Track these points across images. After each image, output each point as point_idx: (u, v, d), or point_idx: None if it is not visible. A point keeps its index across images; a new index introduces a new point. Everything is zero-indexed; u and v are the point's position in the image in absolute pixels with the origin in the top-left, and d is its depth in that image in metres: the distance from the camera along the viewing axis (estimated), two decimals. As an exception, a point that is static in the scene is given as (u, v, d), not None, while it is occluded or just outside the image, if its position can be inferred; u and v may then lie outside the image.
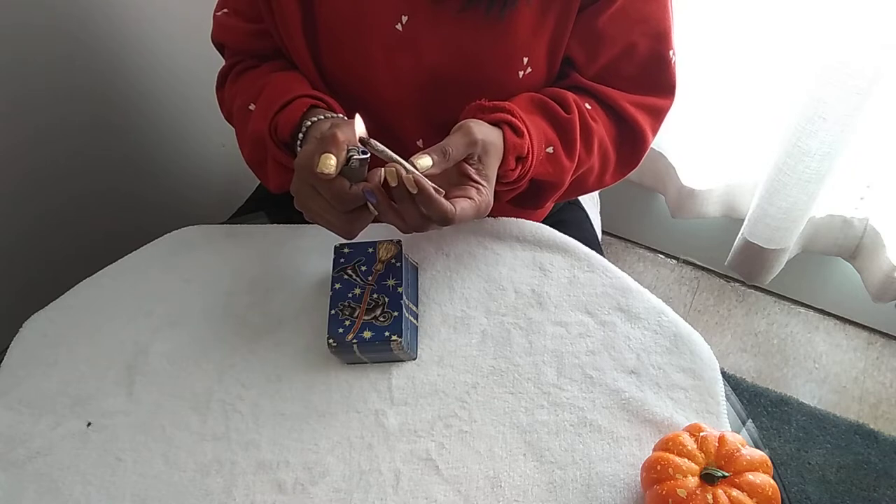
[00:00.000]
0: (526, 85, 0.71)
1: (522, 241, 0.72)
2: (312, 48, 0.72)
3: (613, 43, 0.69)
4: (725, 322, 1.53)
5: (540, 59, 0.70)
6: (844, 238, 1.35)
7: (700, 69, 1.21)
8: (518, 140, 0.64)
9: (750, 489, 0.49)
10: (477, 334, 0.66)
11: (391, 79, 0.72)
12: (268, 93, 0.71)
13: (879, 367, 1.45)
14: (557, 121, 0.69)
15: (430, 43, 0.69)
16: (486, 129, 0.62)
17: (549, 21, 0.67)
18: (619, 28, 0.68)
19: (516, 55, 0.69)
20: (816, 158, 1.14)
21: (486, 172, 0.61)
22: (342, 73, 0.73)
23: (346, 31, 0.70)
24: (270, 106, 0.69)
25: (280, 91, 0.70)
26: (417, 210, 0.57)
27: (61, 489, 0.59)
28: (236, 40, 0.78)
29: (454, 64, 0.69)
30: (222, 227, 0.78)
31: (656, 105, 0.74)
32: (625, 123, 0.73)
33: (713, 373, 0.62)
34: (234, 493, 0.58)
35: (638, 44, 0.70)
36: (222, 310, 0.70)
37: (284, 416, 0.62)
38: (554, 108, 0.69)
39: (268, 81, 0.73)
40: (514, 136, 0.64)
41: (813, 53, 1.09)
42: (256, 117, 0.70)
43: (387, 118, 0.76)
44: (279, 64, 0.77)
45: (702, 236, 1.54)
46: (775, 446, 1.33)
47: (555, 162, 0.69)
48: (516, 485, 0.57)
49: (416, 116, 0.76)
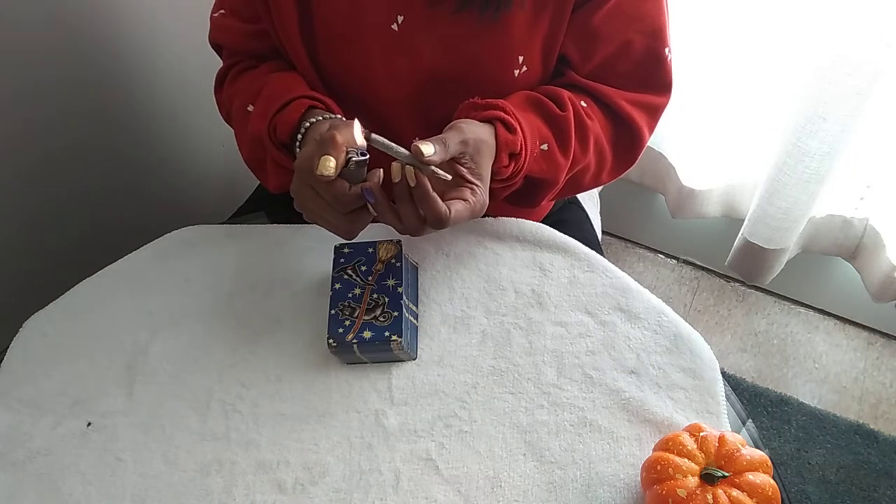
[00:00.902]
0: (522, 83, 0.71)
1: (522, 241, 0.72)
2: (310, 48, 0.73)
3: (609, 41, 0.69)
4: (725, 322, 1.53)
5: (535, 58, 0.70)
6: (844, 238, 1.35)
7: (700, 69, 1.21)
8: (511, 137, 0.64)
9: (750, 489, 0.49)
10: (477, 334, 0.66)
11: (388, 78, 0.72)
12: (266, 93, 0.71)
13: (879, 367, 1.45)
14: (552, 118, 0.69)
15: (426, 43, 0.69)
16: (477, 128, 0.62)
17: (543, 20, 0.68)
18: (615, 26, 0.68)
19: (512, 54, 0.69)
20: (816, 158, 1.14)
21: (479, 172, 0.61)
22: (340, 72, 0.73)
23: (344, 31, 0.70)
24: (269, 107, 0.69)
25: (278, 92, 0.70)
26: (415, 211, 0.58)
27: (61, 489, 0.59)
28: (234, 41, 0.78)
29: (450, 63, 0.69)
30: (222, 227, 0.78)
31: (653, 103, 0.74)
32: (621, 121, 0.73)
33: (713, 373, 0.62)
34: (234, 493, 0.58)
35: (633, 41, 0.69)
36: (222, 310, 0.70)
37: (284, 416, 0.62)
38: (548, 105, 0.69)
39: (266, 82, 0.73)
40: (506, 133, 0.64)
41: (813, 53, 1.09)
42: (255, 118, 0.70)
43: (384, 117, 0.76)
44: (277, 64, 0.77)
45: (702, 236, 1.54)
46: (775, 446, 1.33)
47: (549, 159, 0.69)
48: (516, 485, 0.57)
49: (413, 115, 0.76)
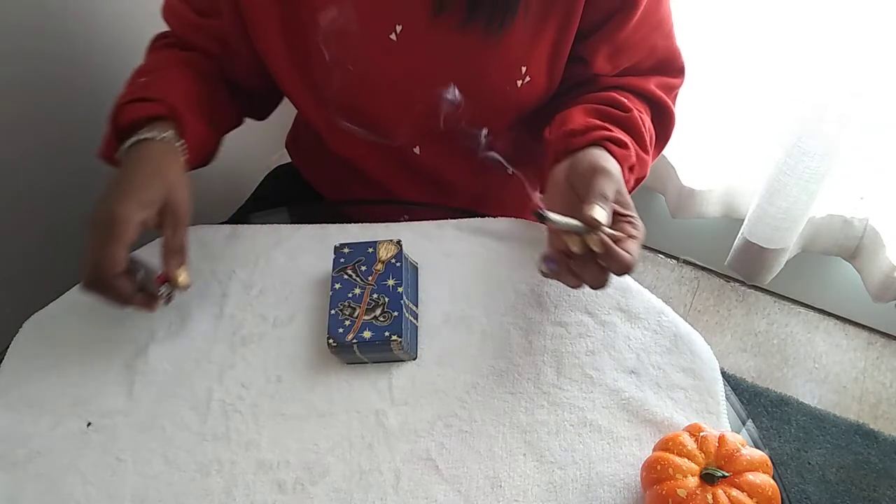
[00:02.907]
0: (525, 94, 0.71)
1: (522, 241, 0.72)
2: (296, 54, 0.72)
3: (636, 50, 0.72)
4: (725, 322, 1.53)
5: (540, 69, 0.70)
6: (844, 238, 1.35)
7: (700, 69, 1.21)
8: (624, 151, 0.64)
9: (750, 489, 0.49)
10: (477, 334, 0.66)
11: (387, 88, 0.72)
12: (152, 79, 0.70)
13: (879, 367, 1.45)
14: (622, 122, 0.69)
15: (425, 53, 0.69)
16: (607, 161, 0.61)
17: (548, 31, 0.68)
18: (640, 37, 0.71)
19: (514, 65, 0.69)
20: (816, 158, 1.15)
21: (627, 201, 0.60)
22: (336, 80, 0.73)
23: (340, 39, 0.69)
24: (139, 89, 0.69)
25: (159, 86, 0.69)
26: (600, 269, 0.56)
27: (61, 489, 0.59)
28: (178, 26, 0.77)
29: (450, 74, 0.69)
30: (222, 227, 0.78)
31: (672, 84, 0.77)
32: (657, 106, 0.75)
33: (713, 373, 0.62)
34: (234, 493, 0.58)
35: (657, 46, 0.73)
36: (222, 310, 0.70)
37: (284, 416, 0.62)
38: (612, 112, 0.69)
39: (163, 73, 0.72)
40: (619, 149, 0.64)
41: (813, 53, 1.09)
42: (127, 93, 0.70)
43: (383, 127, 0.76)
44: (198, 62, 0.76)
45: (702, 236, 1.54)
46: (775, 446, 1.33)
47: (640, 159, 0.69)
48: (516, 485, 0.57)
49: (412, 125, 0.76)
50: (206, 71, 0.75)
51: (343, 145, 0.82)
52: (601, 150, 0.63)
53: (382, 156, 0.81)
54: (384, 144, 0.79)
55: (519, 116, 0.75)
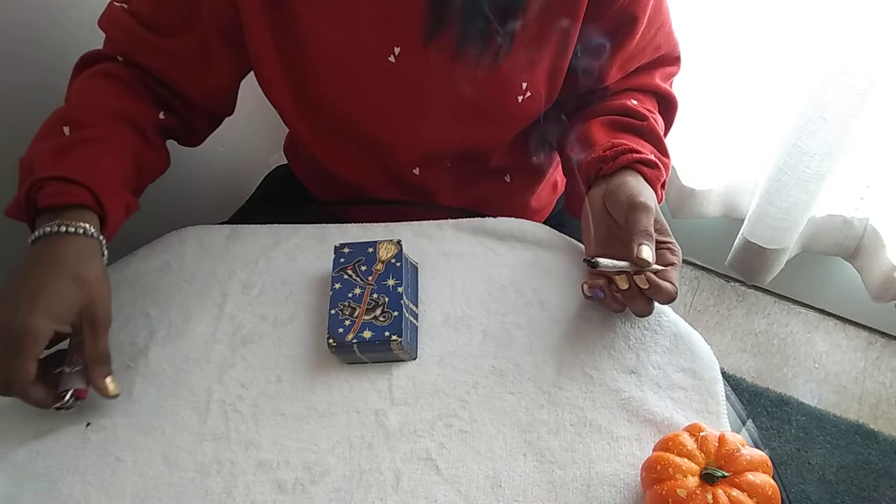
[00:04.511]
0: (526, 109, 0.71)
1: (523, 241, 0.72)
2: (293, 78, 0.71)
3: (644, 54, 0.74)
4: (725, 322, 1.53)
5: (540, 84, 0.71)
6: (844, 238, 1.35)
7: (700, 69, 1.21)
8: (655, 172, 0.65)
9: (750, 489, 0.49)
10: (477, 334, 0.66)
11: (385, 110, 0.71)
12: (77, 140, 0.64)
13: (879, 367, 1.45)
14: (641, 132, 0.70)
15: (425, 76, 0.68)
16: (643, 188, 0.62)
17: (548, 48, 0.68)
18: (646, 41, 0.72)
19: (514, 83, 0.69)
20: (816, 158, 1.15)
21: (663, 227, 0.62)
22: (334, 103, 0.72)
23: (337, 63, 0.69)
24: (61, 154, 0.62)
25: (86, 160, 0.63)
26: (645, 300, 0.59)
27: (61, 489, 0.59)
28: (123, 41, 0.72)
29: (450, 94, 0.69)
30: (222, 227, 0.78)
31: (672, 72, 0.80)
32: (662, 98, 0.77)
33: (713, 373, 0.62)
34: (234, 493, 0.58)
35: (660, 44, 0.74)
36: (222, 310, 0.70)
37: (284, 416, 0.62)
38: (629, 122, 0.70)
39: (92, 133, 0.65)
40: (650, 171, 0.65)
41: (813, 53, 1.09)
42: (47, 149, 0.63)
43: (382, 148, 0.75)
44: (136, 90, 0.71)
45: (702, 236, 1.54)
46: (775, 446, 1.33)
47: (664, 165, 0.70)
48: (516, 484, 0.57)
49: (410, 146, 0.75)
50: (143, 102, 0.71)
51: (339, 165, 0.81)
52: (634, 174, 0.64)
53: (381, 177, 0.81)
54: (383, 166, 0.79)
55: (521, 129, 0.75)
